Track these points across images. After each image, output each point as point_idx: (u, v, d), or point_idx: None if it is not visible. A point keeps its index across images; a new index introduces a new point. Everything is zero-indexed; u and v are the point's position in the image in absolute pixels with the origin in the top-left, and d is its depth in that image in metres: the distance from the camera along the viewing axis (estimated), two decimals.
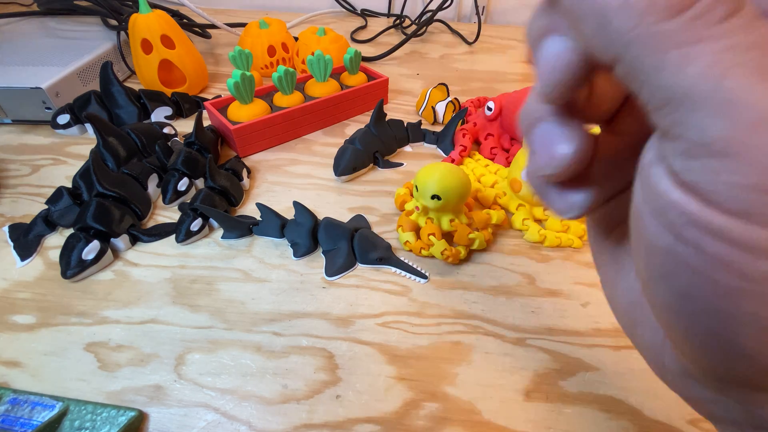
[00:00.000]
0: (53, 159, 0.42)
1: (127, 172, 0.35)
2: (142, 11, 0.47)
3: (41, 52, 0.49)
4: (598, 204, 0.13)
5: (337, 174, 0.39)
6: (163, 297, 0.29)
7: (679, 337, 0.10)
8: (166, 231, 0.34)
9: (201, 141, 0.39)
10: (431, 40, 0.76)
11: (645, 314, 0.12)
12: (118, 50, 0.55)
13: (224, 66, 0.62)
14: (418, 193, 0.33)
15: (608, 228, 0.14)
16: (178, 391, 0.24)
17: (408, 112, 0.53)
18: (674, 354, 0.11)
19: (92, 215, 0.31)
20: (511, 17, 0.88)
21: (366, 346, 0.27)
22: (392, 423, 0.23)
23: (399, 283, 0.31)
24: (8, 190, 0.38)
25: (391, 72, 0.62)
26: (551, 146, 0.11)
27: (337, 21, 0.83)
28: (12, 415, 0.22)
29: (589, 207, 0.12)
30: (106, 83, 0.43)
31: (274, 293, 0.30)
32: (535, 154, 0.12)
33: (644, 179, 0.09)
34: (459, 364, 0.26)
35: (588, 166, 0.12)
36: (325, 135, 0.47)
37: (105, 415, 0.23)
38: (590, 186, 0.12)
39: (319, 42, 0.56)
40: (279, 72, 0.43)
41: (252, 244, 0.34)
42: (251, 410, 0.24)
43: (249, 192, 0.39)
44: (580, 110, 0.12)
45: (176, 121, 0.49)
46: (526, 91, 0.41)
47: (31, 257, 0.32)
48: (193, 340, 0.27)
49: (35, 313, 0.28)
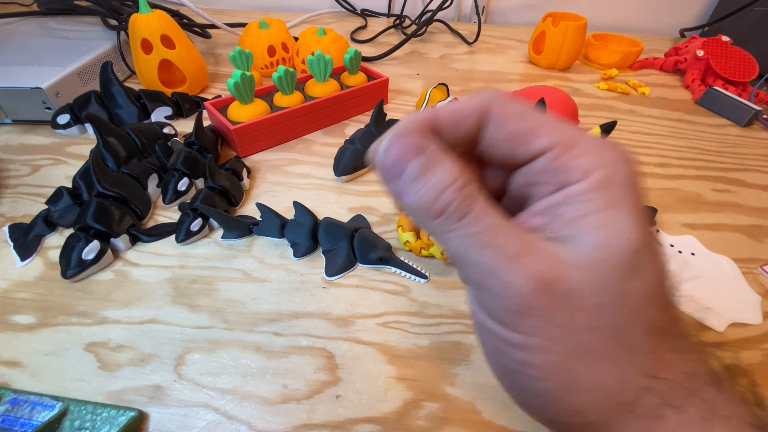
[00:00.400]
0: (53, 159, 0.42)
1: (127, 172, 0.35)
2: (142, 11, 0.47)
3: (41, 52, 0.49)
4: None
5: (337, 174, 0.39)
6: (163, 297, 0.29)
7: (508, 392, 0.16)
8: (166, 231, 0.34)
9: (201, 141, 0.39)
10: (431, 40, 0.76)
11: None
12: (118, 50, 0.55)
13: (224, 66, 0.62)
14: None
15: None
16: (178, 391, 0.24)
17: (408, 112, 0.53)
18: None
19: (92, 215, 0.31)
20: (511, 17, 0.88)
21: (366, 346, 0.27)
22: (392, 423, 0.23)
23: (399, 283, 0.31)
24: (8, 190, 0.38)
25: (391, 72, 0.62)
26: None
27: (337, 21, 0.83)
28: (12, 415, 0.22)
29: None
30: (106, 83, 0.43)
31: (274, 293, 0.30)
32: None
33: (469, 300, 0.16)
34: (459, 364, 0.26)
35: None
36: (325, 135, 0.47)
37: (105, 415, 0.23)
38: None
39: (319, 42, 0.56)
40: (279, 72, 0.43)
41: (252, 244, 0.34)
42: (251, 410, 0.24)
43: (249, 192, 0.39)
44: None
45: (176, 121, 0.49)
46: (526, 91, 0.41)
47: (31, 257, 0.32)
48: (193, 340, 0.27)
49: (35, 313, 0.28)
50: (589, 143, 0.14)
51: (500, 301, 0.13)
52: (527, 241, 0.13)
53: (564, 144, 0.14)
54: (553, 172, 0.14)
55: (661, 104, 0.58)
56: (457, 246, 0.13)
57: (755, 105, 0.53)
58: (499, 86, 0.60)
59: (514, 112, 0.14)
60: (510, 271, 0.13)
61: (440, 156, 0.14)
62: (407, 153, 0.14)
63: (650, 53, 0.72)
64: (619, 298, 0.13)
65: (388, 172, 0.14)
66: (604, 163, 0.13)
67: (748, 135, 0.52)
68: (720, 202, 0.41)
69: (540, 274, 0.13)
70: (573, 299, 0.13)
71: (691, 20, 0.83)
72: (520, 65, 0.68)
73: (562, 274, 0.13)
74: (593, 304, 0.13)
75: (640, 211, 0.13)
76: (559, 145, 0.14)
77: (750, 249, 0.35)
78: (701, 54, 0.61)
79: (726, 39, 0.61)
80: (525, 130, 0.14)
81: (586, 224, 0.13)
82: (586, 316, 0.13)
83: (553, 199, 0.14)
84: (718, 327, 0.29)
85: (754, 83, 0.59)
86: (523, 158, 0.14)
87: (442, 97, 0.50)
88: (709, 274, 0.33)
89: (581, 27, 0.62)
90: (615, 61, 0.67)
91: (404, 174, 0.14)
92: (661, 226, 0.37)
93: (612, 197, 0.13)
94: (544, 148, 0.14)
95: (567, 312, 0.13)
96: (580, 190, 0.13)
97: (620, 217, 0.13)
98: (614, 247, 0.12)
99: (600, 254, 0.13)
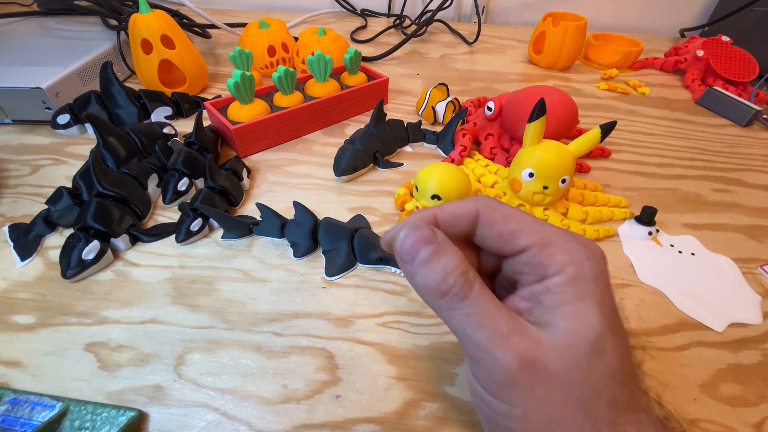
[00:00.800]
0: (53, 159, 0.42)
1: (127, 172, 0.35)
2: (142, 11, 0.47)
3: (41, 52, 0.49)
4: None
5: (337, 174, 0.39)
6: (163, 297, 0.29)
7: None
8: (166, 231, 0.34)
9: (201, 141, 0.39)
10: (431, 40, 0.76)
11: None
12: (118, 50, 0.55)
13: (224, 66, 0.62)
14: (418, 193, 0.33)
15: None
16: (178, 391, 0.24)
17: (408, 112, 0.53)
18: None
19: (92, 215, 0.31)
20: (511, 17, 0.88)
21: (366, 346, 0.27)
22: (392, 423, 0.23)
23: (399, 283, 0.31)
24: (8, 190, 0.38)
25: (391, 72, 0.62)
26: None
27: (337, 21, 0.83)
28: (12, 415, 0.22)
29: None
30: (106, 83, 0.43)
31: (274, 293, 0.30)
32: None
33: (466, 370, 0.19)
34: (459, 364, 0.26)
35: None
36: (325, 135, 0.47)
37: (105, 415, 0.23)
38: None
39: (319, 42, 0.56)
40: (279, 72, 0.43)
41: (252, 244, 0.34)
42: (251, 410, 0.24)
43: (249, 192, 0.39)
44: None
45: (176, 121, 0.49)
46: (526, 91, 0.41)
47: (31, 257, 0.32)
48: (193, 340, 0.27)
49: (35, 313, 0.28)
50: (563, 242, 0.17)
51: (490, 374, 0.16)
52: (516, 323, 0.16)
53: (541, 243, 0.17)
54: (534, 266, 0.17)
55: (661, 104, 0.58)
56: (458, 323, 0.16)
57: (755, 105, 0.53)
58: (499, 86, 0.60)
59: (500, 217, 0.18)
60: (500, 348, 0.15)
61: (446, 245, 0.17)
62: (420, 241, 0.17)
63: (650, 53, 0.72)
64: (586, 377, 0.15)
65: (404, 256, 0.17)
66: (574, 261, 0.16)
67: (748, 135, 0.52)
68: (720, 202, 0.41)
69: (525, 353, 0.15)
70: (550, 376, 0.15)
71: (691, 20, 0.83)
72: (520, 65, 0.68)
73: (542, 354, 0.15)
74: (565, 381, 0.15)
75: (604, 302, 0.16)
76: (538, 244, 0.17)
77: (750, 249, 0.35)
78: (701, 54, 0.61)
79: (726, 39, 0.61)
80: (509, 232, 0.17)
81: (560, 313, 0.16)
82: (560, 391, 0.15)
83: (536, 288, 0.17)
84: (718, 327, 0.29)
85: (754, 83, 0.59)
86: (510, 253, 0.18)
87: (442, 97, 0.50)
88: (709, 274, 0.33)
89: (581, 27, 0.62)
90: (615, 61, 0.67)
91: (417, 258, 0.17)
92: (661, 226, 0.37)
93: (580, 291, 0.16)
94: (525, 246, 0.17)
95: (544, 386, 0.15)
96: (555, 283, 0.16)
97: (587, 308, 0.16)
98: (582, 334, 0.15)
99: (571, 339, 0.15)
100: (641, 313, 0.30)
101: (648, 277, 0.32)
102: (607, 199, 0.38)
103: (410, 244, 0.17)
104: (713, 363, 0.27)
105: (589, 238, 0.18)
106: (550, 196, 0.34)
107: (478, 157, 0.43)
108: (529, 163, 0.33)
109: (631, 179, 0.43)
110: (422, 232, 0.17)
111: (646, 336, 0.28)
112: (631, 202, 0.39)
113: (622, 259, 0.34)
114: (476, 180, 0.40)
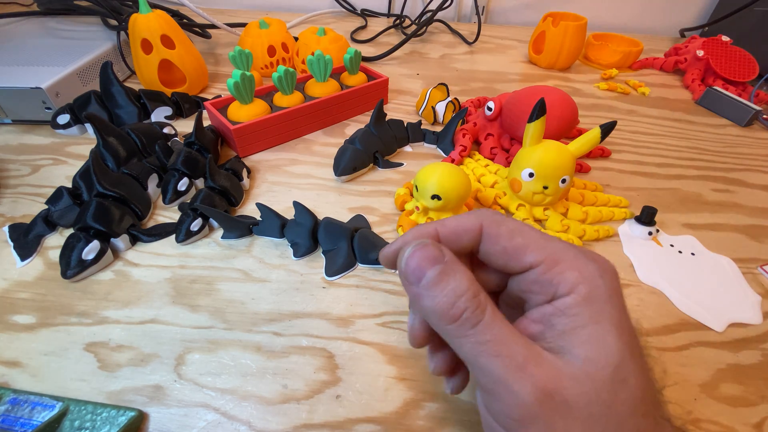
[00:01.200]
0: (53, 159, 0.42)
1: (127, 172, 0.35)
2: (142, 11, 0.47)
3: (41, 52, 0.49)
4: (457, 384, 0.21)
5: (337, 174, 0.39)
6: (163, 297, 0.29)
7: None
8: (166, 231, 0.34)
9: (201, 141, 0.39)
10: (431, 40, 0.76)
11: None
12: (118, 50, 0.55)
13: (224, 66, 0.62)
14: (418, 193, 0.33)
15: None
16: (178, 391, 0.24)
17: (408, 112, 0.53)
18: None
19: (92, 215, 0.31)
20: (511, 17, 0.88)
21: (366, 346, 0.27)
22: (392, 423, 0.23)
23: (399, 283, 0.31)
24: (8, 190, 0.38)
25: (391, 72, 0.62)
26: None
27: (337, 21, 0.83)
28: (12, 415, 0.22)
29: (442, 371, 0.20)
30: (106, 83, 0.43)
31: (274, 293, 0.30)
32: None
33: (478, 401, 0.17)
34: None
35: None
36: (325, 135, 0.47)
37: (105, 415, 0.23)
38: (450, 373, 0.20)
39: (319, 42, 0.56)
40: (279, 72, 0.43)
41: (252, 244, 0.34)
42: (251, 410, 0.24)
43: (249, 192, 0.39)
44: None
45: (176, 121, 0.49)
46: (526, 91, 0.41)
47: (31, 257, 0.32)
48: (193, 340, 0.27)
49: (35, 313, 0.28)
50: (573, 258, 0.16)
51: (507, 408, 0.14)
52: (531, 350, 0.15)
53: (550, 260, 0.16)
54: (542, 285, 0.16)
55: (661, 104, 0.58)
56: (469, 352, 0.15)
57: (755, 105, 0.53)
58: (499, 86, 0.60)
59: (505, 231, 0.17)
60: (517, 380, 0.14)
61: (455, 265, 0.16)
62: (426, 261, 0.15)
63: (650, 53, 0.72)
64: (608, 409, 0.14)
65: (408, 277, 0.16)
66: (585, 279, 0.15)
67: (748, 135, 0.52)
68: (720, 202, 0.41)
69: (543, 385, 0.14)
70: (570, 409, 0.14)
71: (691, 20, 0.83)
72: (520, 65, 0.68)
73: (561, 385, 0.14)
74: (586, 414, 0.14)
75: (621, 324, 0.15)
76: (546, 261, 0.16)
77: (750, 249, 0.35)
78: (701, 54, 0.61)
79: (726, 39, 0.61)
80: (515, 248, 0.16)
81: (575, 338, 0.15)
82: (581, 424, 0.14)
83: (547, 310, 0.16)
84: (718, 327, 0.29)
85: (754, 83, 0.59)
86: (516, 270, 0.17)
87: (442, 97, 0.50)
88: (709, 274, 0.33)
89: (581, 27, 0.62)
90: (615, 61, 0.67)
91: (423, 280, 0.15)
92: (661, 226, 0.37)
93: (595, 312, 0.15)
94: (532, 263, 0.16)
95: (564, 421, 0.14)
96: (568, 304, 0.15)
97: (604, 331, 0.15)
98: (601, 362, 0.14)
99: (590, 368, 0.14)
100: (641, 313, 0.30)
101: (648, 277, 0.32)
102: (607, 199, 0.38)
103: (416, 263, 0.16)
104: (713, 363, 0.27)
105: (600, 254, 0.17)
106: (550, 196, 0.34)
107: (478, 157, 0.43)
108: (529, 163, 0.33)
109: (631, 179, 0.43)
110: (429, 251, 0.16)
111: (647, 336, 0.28)
112: (631, 202, 0.39)
113: (622, 259, 0.34)
114: (476, 180, 0.40)
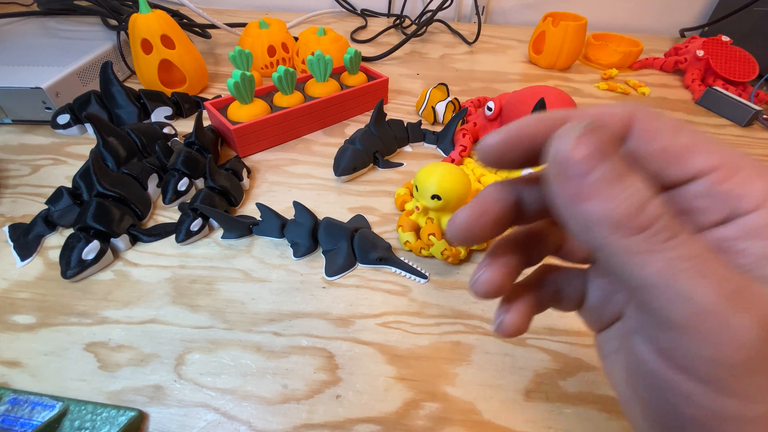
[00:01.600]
0: (53, 159, 0.42)
1: (127, 172, 0.35)
2: (142, 11, 0.47)
3: (41, 52, 0.49)
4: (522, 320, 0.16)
5: (337, 174, 0.39)
6: (163, 297, 0.29)
7: None
8: (166, 231, 0.34)
9: (201, 141, 0.39)
10: (431, 40, 0.76)
11: (633, 412, 0.14)
12: (118, 50, 0.55)
13: (224, 66, 0.62)
14: (418, 193, 0.33)
15: (599, 328, 0.16)
16: (178, 391, 0.24)
17: (408, 112, 0.53)
18: None
19: (92, 215, 0.31)
20: (511, 17, 0.88)
21: (366, 346, 0.27)
22: (392, 423, 0.23)
23: (399, 283, 0.31)
24: (8, 190, 0.38)
25: (391, 72, 0.62)
26: (476, 273, 0.16)
27: (337, 21, 0.83)
28: (12, 415, 0.22)
29: (510, 326, 0.16)
30: (106, 83, 0.43)
31: (274, 293, 0.30)
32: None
33: (628, 346, 0.13)
34: (459, 364, 0.26)
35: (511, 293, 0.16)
36: (325, 135, 0.47)
37: (105, 415, 0.23)
38: (511, 310, 0.16)
39: (319, 42, 0.56)
40: (279, 72, 0.43)
41: (252, 244, 0.34)
42: (251, 410, 0.24)
43: (249, 192, 0.39)
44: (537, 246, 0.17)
45: (176, 121, 0.49)
46: (526, 91, 0.41)
47: (31, 257, 0.32)
48: (193, 340, 0.27)
49: (35, 313, 0.28)
50: (757, 167, 0.12)
51: (715, 349, 0.10)
52: (740, 276, 0.11)
53: (728, 167, 0.12)
54: (716, 199, 0.12)
55: (661, 104, 0.58)
56: (661, 271, 0.11)
57: (755, 105, 0.53)
58: (499, 86, 0.60)
59: (666, 127, 0.13)
60: (735, 310, 0.10)
61: (628, 166, 0.11)
62: (599, 151, 0.11)
63: (650, 53, 0.72)
64: None
65: (571, 168, 0.11)
66: None
67: (748, 135, 0.52)
68: None
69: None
70: None
71: (691, 20, 0.83)
72: (520, 65, 0.68)
73: None
74: None
75: None
76: (723, 168, 0.12)
77: None
78: (701, 54, 0.61)
79: (726, 39, 0.61)
80: (679, 148, 0.12)
81: None
82: None
83: (729, 232, 0.12)
84: None
85: (754, 83, 0.59)
86: (675, 179, 0.13)
87: (442, 97, 0.50)
88: None
89: (581, 27, 0.62)
90: (615, 61, 0.67)
91: (592, 174, 0.11)
92: None
93: None
94: (703, 169, 0.12)
95: None
96: (759, 223, 0.11)
97: None
98: None
99: None
100: None
101: None
102: None
103: (587, 151, 0.11)
104: None
105: None
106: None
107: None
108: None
109: None
110: (602, 137, 0.11)
111: None
112: None
113: None
114: (476, 180, 0.40)
